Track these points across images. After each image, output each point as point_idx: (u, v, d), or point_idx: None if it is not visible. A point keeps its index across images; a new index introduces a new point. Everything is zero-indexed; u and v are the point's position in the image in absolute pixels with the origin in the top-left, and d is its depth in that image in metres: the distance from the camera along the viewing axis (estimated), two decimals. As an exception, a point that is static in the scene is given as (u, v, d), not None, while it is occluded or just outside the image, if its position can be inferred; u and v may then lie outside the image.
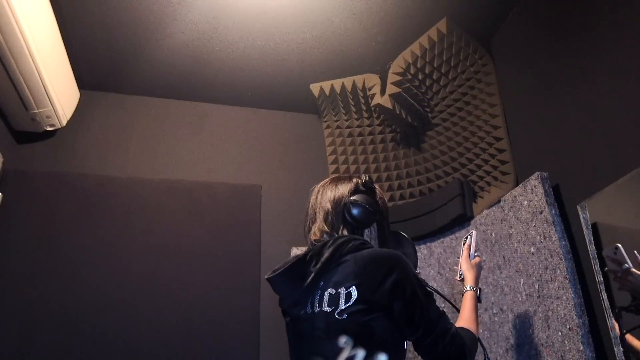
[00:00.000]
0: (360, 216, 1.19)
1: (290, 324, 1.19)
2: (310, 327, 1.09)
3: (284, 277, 1.15)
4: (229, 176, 2.39)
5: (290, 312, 1.17)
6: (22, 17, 1.60)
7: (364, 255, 1.10)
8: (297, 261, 1.13)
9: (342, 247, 1.12)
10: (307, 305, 1.11)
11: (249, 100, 2.54)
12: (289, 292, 1.15)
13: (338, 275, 1.09)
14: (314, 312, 1.09)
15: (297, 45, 2.18)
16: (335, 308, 1.05)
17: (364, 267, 1.07)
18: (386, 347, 1.04)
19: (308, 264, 1.12)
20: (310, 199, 1.29)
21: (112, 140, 2.32)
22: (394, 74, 2.21)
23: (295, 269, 1.13)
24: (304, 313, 1.12)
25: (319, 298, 1.09)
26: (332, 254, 1.10)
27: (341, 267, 1.09)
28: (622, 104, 1.43)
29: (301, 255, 1.14)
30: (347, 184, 1.26)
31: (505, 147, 1.99)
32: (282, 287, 1.18)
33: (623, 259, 1.31)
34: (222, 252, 2.15)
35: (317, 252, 1.12)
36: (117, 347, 1.87)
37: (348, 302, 1.04)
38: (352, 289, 1.05)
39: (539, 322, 1.57)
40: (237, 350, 2.00)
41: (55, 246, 1.98)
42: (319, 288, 1.10)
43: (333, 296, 1.07)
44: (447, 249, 2.15)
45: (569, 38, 1.69)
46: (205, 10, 1.95)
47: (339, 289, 1.07)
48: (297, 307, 1.13)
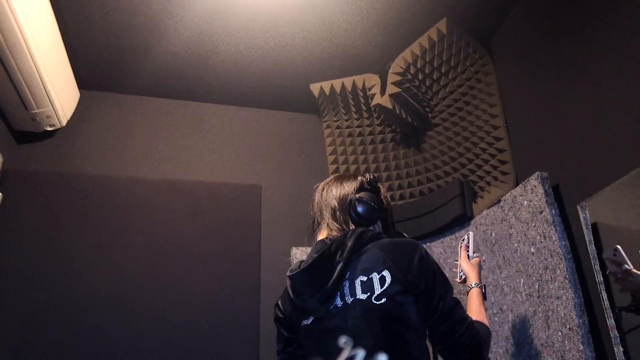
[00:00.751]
0: (366, 213, 1.19)
1: (314, 324, 1.11)
2: (343, 319, 1.05)
3: (310, 271, 1.11)
4: (229, 176, 2.39)
5: (318, 309, 1.10)
6: (22, 17, 1.60)
7: (386, 243, 1.11)
8: (322, 253, 1.10)
9: (362, 236, 1.12)
10: (336, 298, 1.08)
11: (249, 100, 2.54)
12: (317, 287, 1.09)
13: (364, 262, 1.08)
14: (347, 303, 1.06)
15: (297, 45, 2.18)
16: (372, 294, 1.04)
17: (391, 252, 1.08)
18: (419, 334, 1.05)
19: (334, 254, 1.10)
20: (315, 197, 1.28)
21: (112, 140, 2.32)
22: (394, 74, 2.21)
23: (322, 261, 1.10)
24: (334, 307, 1.08)
25: (349, 288, 1.07)
26: (355, 243, 1.10)
27: (365, 255, 1.09)
28: (622, 104, 1.43)
29: (324, 248, 1.11)
30: (353, 182, 1.26)
31: (505, 147, 1.99)
32: (307, 283, 1.12)
33: (623, 260, 1.31)
34: (222, 252, 2.15)
35: (341, 242, 1.11)
36: (117, 347, 1.87)
37: (384, 285, 1.04)
38: (385, 272, 1.05)
39: (539, 322, 1.57)
40: (237, 350, 2.00)
41: (55, 246, 1.98)
42: (346, 279, 1.09)
43: (366, 282, 1.06)
44: (447, 249, 2.15)
45: (569, 38, 1.69)
46: (205, 11, 1.95)
47: (371, 275, 1.06)
48: (327, 302, 1.09)
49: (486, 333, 1.16)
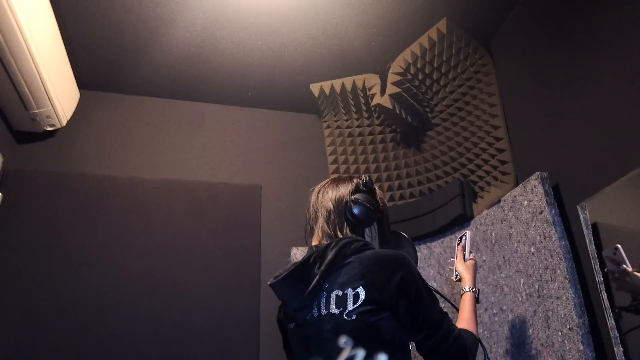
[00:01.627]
0: (362, 215, 1.19)
1: (295, 330, 1.17)
2: (318, 330, 1.08)
3: (287, 281, 1.13)
4: (229, 176, 2.39)
5: (295, 317, 1.15)
6: (22, 17, 1.60)
7: (368, 256, 1.10)
8: (300, 264, 1.12)
9: (345, 248, 1.11)
10: (313, 308, 1.10)
11: (249, 100, 2.54)
12: (294, 296, 1.13)
13: (343, 276, 1.08)
14: (321, 314, 1.08)
15: (297, 45, 2.18)
16: (344, 309, 1.05)
17: (369, 268, 1.07)
18: (394, 348, 1.05)
19: (312, 266, 1.11)
20: (311, 199, 1.29)
21: (112, 140, 2.32)
22: (394, 74, 2.21)
23: (299, 272, 1.12)
24: (310, 317, 1.10)
25: (325, 300, 1.09)
26: (335, 255, 1.10)
27: (346, 269, 1.09)
28: (622, 104, 1.43)
29: (304, 258, 1.13)
30: (348, 184, 1.26)
31: (505, 147, 1.99)
32: (286, 292, 1.16)
33: (622, 259, 1.31)
34: (222, 252, 2.15)
35: (321, 255, 1.12)
36: (117, 346, 1.87)
37: (356, 302, 1.04)
38: (360, 289, 1.05)
39: (539, 322, 1.57)
40: (237, 350, 2.00)
41: (55, 246, 1.98)
42: (324, 290, 1.10)
43: (340, 297, 1.06)
44: (447, 249, 2.15)
45: (569, 38, 1.69)
46: (205, 11, 1.95)
47: (346, 290, 1.06)
48: (303, 311, 1.12)
49: (472, 341, 1.17)
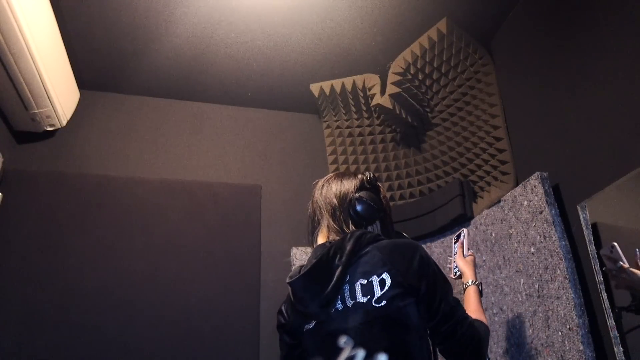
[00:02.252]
0: (366, 213, 1.19)
1: (316, 328, 1.11)
2: (344, 323, 1.06)
3: (309, 277, 1.10)
4: (229, 176, 2.39)
5: (319, 313, 1.10)
6: (22, 17, 1.60)
7: (385, 244, 1.11)
8: (321, 258, 1.10)
9: (361, 238, 1.12)
10: (337, 302, 1.08)
11: (249, 100, 2.54)
12: (317, 292, 1.08)
13: (364, 265, 1.09)
14: (347, 306, 1.07)
15: (297, 45, 2.18)
16: (372, 296, 1.04)
17: (390, 254, 1.08)
18: (420, 335, 1.06)
19: (332, 259, 1.10)
20: (314, 194, 1.28)
21: (112, 140, 2.31)
22: (394, 74, 2.21)
23: (321, 266, 1.10)
24: (335, 311, 1.08)
25: (349, 291, 1.08)
26: (354, 245, 1.10)
27: (365, 258, 1.09)
28: (622, 104, 1.43)
29: (323, 252, 1.11)
30: (353, 180, 1.25)
31: (505, 147, 1.99)
32: (308, 288, 1.11)
33: (618, 257, 1.32)
34: (222, 252, 2.15)
35: (340, 246, 1.11)
36: (117, 346, 1.87)
37: (383, 288, 1.04)
38: (385, 275, 1.05)
39: (539, 322, 1.57)
40: (237, 350, 2.00)
41: (55, 246, 1.98)
42: (346, 282, 1.09)
43: (366, 285, 1.06)
44: (447, 249, 2.15)
45: (569, 38, 1.69)
46: (205, 10, 1.95)
47: (371, 278, 1.06)
48: (328, 306, 1.09)
49: (485, 331, 1.17)
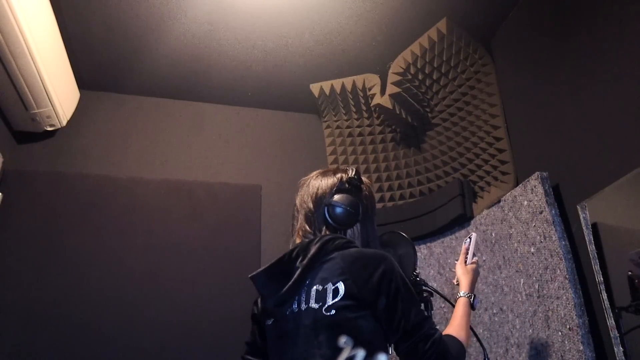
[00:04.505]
0: (341, 218, 1.16)
1: (273, 326, 1.14)
2: (296, 325, 1.06)
3: (269, 274, 1.12)
4: (229, 176, 2.39)
5: (274, 312, 1.13)
6: (22, 17, 1.60)
7: (351, 253, 1.09)
8: (283, 258, 1.12)
9: (328, 244, 1.10)
10: (293, 303, 1.09)
11: (249, 100, 2.54)
12: (275, 290, 1.10)
13: (325, 271, 1.08)
14: (301, 309, 1.07)
15: (297, 45, 2.18)
16: (323, 304, 1.03)
17: (351, 264, 1.06)
18: (374, 349, 1.02)
19: (294, 260, 1.11)
20: (299, 193, 1.28)
21: (112, 140, 2.31)
22: (394, 74, 2.21)
23: (282, 265, 1.11)
24: (290, 312, 1.09)
25: (305, 295, 1.07)
26: (318, 250, 1.09)
27: (328, 264, 1.08)
28: (622, 104, 1.43)
29: (287, 252, 1.12)
30: (331, 179, 1.22)
31: (505, 147, 1.99)
32: (267, 285, 1.13)
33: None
34: (222, 252, 2.15)
35: (304, 249, 1.11)
36: (117, 346, 1.87)
37: (335, 297, 1.03)
38: (340, 284, 1.04)
39: (539, 322, 1.57)
40: (237, 350, 1.99)
41: (55, 246, 1.98)
42: (305, 285, 1.09)
43: (320, 292, 1.05)
44: (447, 249, 2.15)
45: (569, 38, 1.69)
46: (205, 11, 1.95)
47: (326, 285, 1.05)
48: (283, 306, 1.10)
49: (458, 350, 1.11)
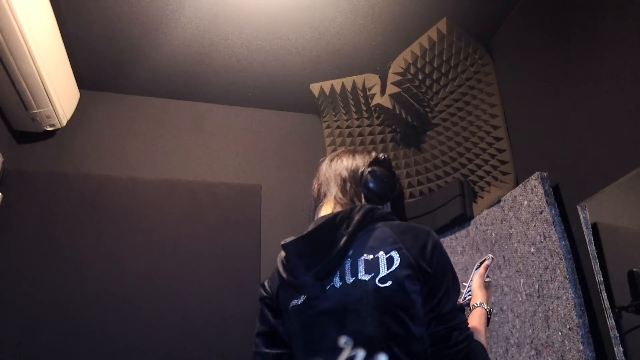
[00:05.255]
0: (379, 189, 1.06)
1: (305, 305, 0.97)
2: (340, 302, 0.92)
3: (309, 242, 0.98)
4: (229, 176, 2.39)
5: (311, 288, 0.96)
6: (22, 17, 1.60)
7: (398, 224, 1.00)
8: (326, 222, 0.98)
9: (372, 212, 1.00)
10: (334, 277, 0.95)
11: (249, 100, 2.54)
12: (314, 261, 0.96)
13: (372, 241, 0.96)
14: (346, 283, 0.93)
15: (297, 45, 2.18)
16: (376, 274, 0.91)
17: (402, 233, 0.96)
18: (422, 329, 0.91)
19: (338, 226, 0.98)
20: (321, 169, 1.15)
21: (112, 140, 2.32)
22: (394, 74, 2.21)
23: (324, 232, 0.97)
24: (331, 288, 0.94)
25: (350, 267, 0.95)
26: (362, 217, 0.98)
27: (374, 233, 0.97)
28: (622, 104, 1.43)
29: (330, 216, 0.99)
30: (365, 156, 1.14)
31: (505, 147, 1.99)
32: (305, 255, 0.98)
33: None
34: (222, 252, 2.15)
35: (348, 215, 0.99)
36: (117, 346, 1.87)
37: (390, 267, 0.92)
38: (394, 252, 0.93)
39: (539, 322, 1.57)
40: (237, 350, 1.99)
41: (55, 246, 1.98)
42: (348, 257, 0.96)
43: (370, 262, 0.93)
44: (447, 249, 2.15)
45: (569, 38, 1.69)
46: (205, 11, 1.95)
47: (377, 254, 0.94)
48: (324, 279, 0.95)
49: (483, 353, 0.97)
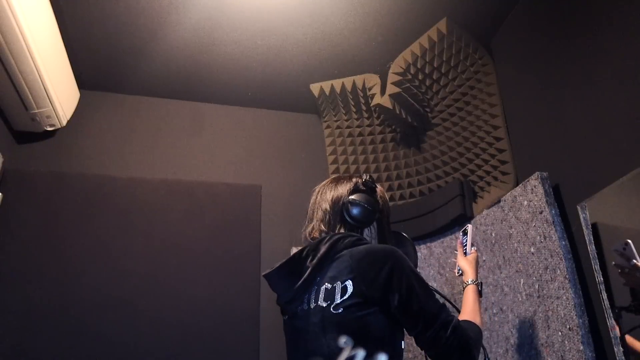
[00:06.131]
0: (359, 215, 1.20)
1: (288, 322, 1.19)
2: (306, 323, 1.09)
3: (280, 273, 1.16)
4: (229, 176, 2.39)
5: (287, 309, 1.18)
6: (22, 17, 1.60)
7: (359, 250, 1.11)
8: (293, 257, 1.15)
9: (338, 242, 1.13)
10: (303, 301, 1.12)
11: (249, 100, 2.54)
12: (286, 288, 1.15)
13: (334, 270, 1.10)
14: (310, 307, 1.10)
15: (297, 45, 2.18)
16: (331, 302, 1.06)
17: (359, 262, 1.08)
18: (383, 345, 1.04)
19: (304, 259, 1.13)
20: (311, 200, 1.31)
21: (112, 140, 2.32)
22: (394, 74, 2.21)
23: (292, 264, 1.14)
24: (301, 309, 1.12)
25: (315, 294, 1.10)
26: (328, 249, 1.12)
27: (337, 262, 1.11)
28: (622, 104, 1.43)
29: (298, 251, 1.15)
30: (347, 184, 1.27)
31: (505, 147, 1.99)
32: (279, 284, 1.18)
33: (632, 254, 1.31)
34: (222, 252, 2.15)
35: (314, 248, 1.14)
36: (117, 346, 1.87)
37: (344, 295, 1.05)
38: (348, 282, 1.06)
39: (539, 322, 1.57)
40: (237, 350, 2.00)
41: (55, 246, 1.98)
42: (315, 284, 1.11)
43: (329, 291, 1.08)
44: (447, 249, 2.15)
45: (569, 38, 1.69)
46: (205, 11, 1.95)
47: (335, 284, 1.08)
48: (294, 303, 1.14)
49: (475, 332, 1.15)
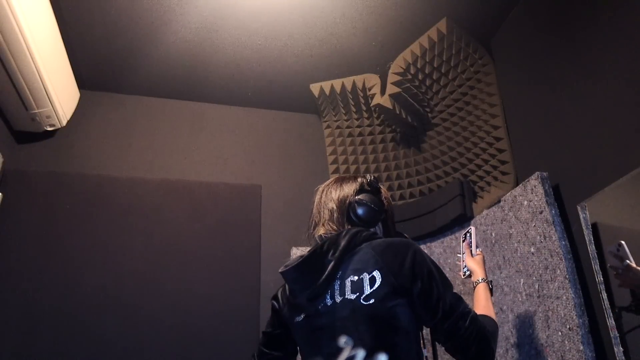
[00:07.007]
0: (366, 215, 1.20)
1: (305, 322, 1.14)
2: (332, 319, 1.07)
3: (301, 269, 1.12)
4: (229, 176, 2.39)
5: (307, 307, 1.13)
6: (22, 17, 1.60)
7: (379, 243, 1.11)
8: (315, 251, 1.12)
9: (356, 236, 1.13)
10: (326, 297, 1.10)
11: (249, 100, 2.54)
12: (307, 285, 1.11)
13: (357, 262, 1.09)
14: (336, 302, 1.08)
15: (297, 45, 2.18)
16: (360, 294, 1.05)
17: (382, 253, 1.08)
18: (410, 337, 1.05)
19: (325, 254, 1.11)
20: (315, 199, 1.29)
21: (112, 140, 2.31)
22: (394, 74, 2.21)
23: (313, 260, 1.12)
24: (323, 306, 1.09)
25: (339, 287, 1.09)
26: (348, 242, 1.11)
27: (358, 255, 1.10)
28: (622, 104, 1.43)
29: (317, 246, 1.12)
30: (352, 184, 1.26)
31: (505, 147, 1.99)
32: (299, 280, 1.14)
33: (625, 255, 1.31)
34: (222, 252, 2.15)
35: (334, 242, 1.12)
36: (116, 346, 1.87)
37: (373, 286, 1.05)
38: (376, 272, 1.06)
39: (539, 322, 1.57)
40: (237, 350, 1.99)
41: (55, 246, 1.98)
42: (337, 278, 1.10)
43: (356, 283, 1.07)
44: (447, 249, 2.15)
45: (569, 38, 1.69)
46: (205, 11, 1.95)
47: (361, 275, 1.07)
48: (316, 300, 1.11)
49: (492, 325, 1.15)
